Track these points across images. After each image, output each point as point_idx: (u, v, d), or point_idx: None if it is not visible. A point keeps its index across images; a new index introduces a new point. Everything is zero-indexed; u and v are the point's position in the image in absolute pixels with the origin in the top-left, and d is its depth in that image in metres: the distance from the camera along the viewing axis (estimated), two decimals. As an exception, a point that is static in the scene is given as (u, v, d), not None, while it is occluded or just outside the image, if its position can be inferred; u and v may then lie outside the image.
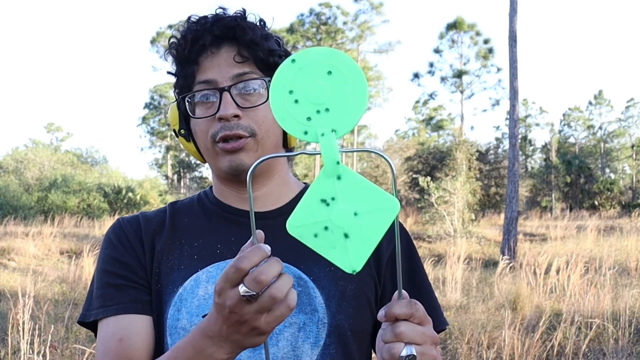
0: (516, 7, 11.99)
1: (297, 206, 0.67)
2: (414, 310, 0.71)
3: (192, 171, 34.90)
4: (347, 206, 0.66)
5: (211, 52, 0.98)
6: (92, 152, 47.66)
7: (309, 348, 0.95)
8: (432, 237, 14.84)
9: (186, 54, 0.99)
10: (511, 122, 11.97)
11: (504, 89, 33.10)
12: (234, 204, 1.05)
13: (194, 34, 0.98)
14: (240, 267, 0.66)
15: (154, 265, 1.01)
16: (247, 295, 0.66)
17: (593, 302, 5.92)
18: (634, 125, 49.26)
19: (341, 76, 0.66)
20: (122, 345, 0.94)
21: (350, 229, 0.66)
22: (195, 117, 1.00)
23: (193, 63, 0.99)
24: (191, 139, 1.05)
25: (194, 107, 1.00)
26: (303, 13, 33.85)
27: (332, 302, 0.98)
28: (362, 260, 0.66)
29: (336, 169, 0.66)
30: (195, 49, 0.98)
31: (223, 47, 0.98)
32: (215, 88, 0.97)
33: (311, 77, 0.66)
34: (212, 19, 0.98)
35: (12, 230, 14.03)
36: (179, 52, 1.00)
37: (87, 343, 4.80)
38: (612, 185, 31.82)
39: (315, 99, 0.66)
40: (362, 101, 0.67)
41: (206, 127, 0.99)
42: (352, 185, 0.66)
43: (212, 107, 0.98)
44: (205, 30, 0.97)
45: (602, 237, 12.56)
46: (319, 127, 0.66)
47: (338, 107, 0.66)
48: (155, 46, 35.87)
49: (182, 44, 0.99)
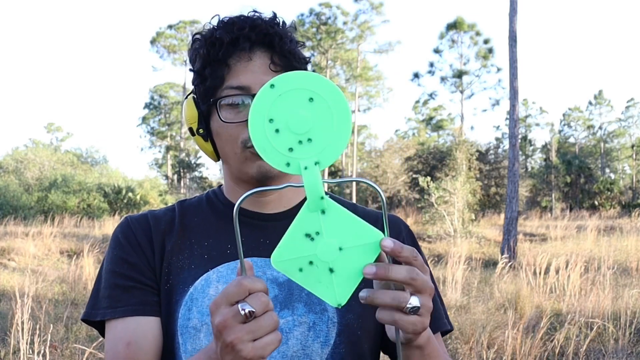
0: (516, 7, 11.99)
1: (282, 240, 0.66)
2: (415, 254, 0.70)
3: (192, 171, 34.86)
4: (331, 241, 0.65)
5: (246, 57, 0.97)
6: (92, 152, 47.68)
7: (319, 347, 0.96)
8: (432, 237, 14.85)
9: (219, 56, 0.97)
10: (511, 122, 11.97)
11: (504, 89, 33.14)
12: (246, 206, 1.04)
13: (230, 36, 0.97)
14: (244, 283, 0.67)
15: (164, 265, 1.01)
16: (247, 311, 0.66)
17: (593, 302, 5.92)
18: (634, 125, 49.28)
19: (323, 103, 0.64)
20: (129, 349, 0.94)
21: (335, 263, 0.66)
22: (226, 121, 0.98)
23: (224, 65, 0.98)
24: (209, 139, 1.04)
25: (220, 109, 0.99)
26: (303, 13, 33.85)
27: None
28: (348, 294, 0.67)
29: (320, 204, 0.65)
30: (230, 52, 0.97)
31: (257, 52, 0.98)
32: (248, 94, 0.97)
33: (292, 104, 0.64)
34: (249, 24, 0.97)
35: (12, 230, 14.03)
36: (211, 52, 0.98)
37: (87, 343, 4.80)
38: (612, 185, 31.82)
39: (296, 129, 0.64)
40: (346, 130, 0.65)
41: (236, 132, 0.98)
42: (336, 220, 0.65)
43: (242, 112, 0.97)
44: (242, 35, 0.96)
45: (602, 237, 12.56)
46: (301, 159, 0.64)
47: (321, 137, 0.64)
48: (155, 46, 35.86)
49: (216, 45, 0.97)
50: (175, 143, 39.70)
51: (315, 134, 0.64)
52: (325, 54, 30.41)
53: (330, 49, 30.36)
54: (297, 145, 0.64)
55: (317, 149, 0.64)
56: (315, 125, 0.64)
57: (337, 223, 0.65)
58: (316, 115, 0.64)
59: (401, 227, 1.11)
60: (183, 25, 35.39)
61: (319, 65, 30.26)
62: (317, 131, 0.64)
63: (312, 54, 30.56)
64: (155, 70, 45.54)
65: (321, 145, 0.64)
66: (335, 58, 31.09)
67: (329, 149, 0.65)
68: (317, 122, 0.64)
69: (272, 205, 1.05)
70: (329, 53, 30.42)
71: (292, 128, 0.64)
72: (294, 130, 0.64)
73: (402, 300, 0.69)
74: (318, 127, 0.64)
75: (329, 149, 0.65)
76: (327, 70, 30.35)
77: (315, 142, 0.64)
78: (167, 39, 35.43)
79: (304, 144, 0.64)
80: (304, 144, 0.64)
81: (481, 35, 32.27)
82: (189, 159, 35.10)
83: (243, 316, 0.66)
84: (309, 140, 0.64)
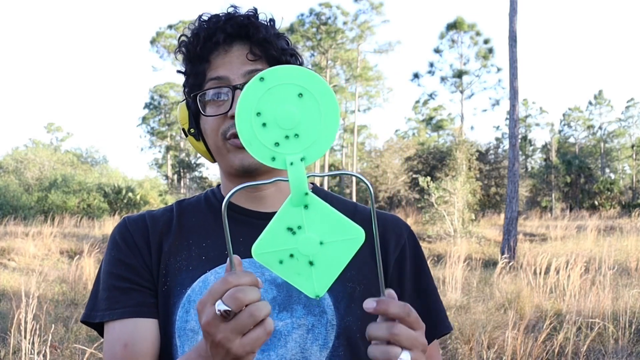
0: (516, 7, 11.99)
1: (263, 233, 0.66)
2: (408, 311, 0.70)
3: (192, 171, 34.89)
4: (313, 235, 0.66)
5: (223, 50, 0.98)
6: (92, 152, 47.68)
7: (318, 350, 0.95)
8: (432, 237, 14.84)
9: (198, 52, 0.98)
10: (511, 122, 11.97)
11: (504, 89, 33.14)
12: (243, 204, 1.04)
13: (206, 31, 0.97)
14: (229, 280, 0.66)
15: (161, 266, 1.00)
16: (222, 311, 0.64)
17: (593, 302, 5.92)
18: (634, 125, 49.26)
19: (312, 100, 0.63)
20: (127, 350, 0.94)
21: (315, 257, 0.66)
22: (206, 115, 0.99)
23: (204, 61, 0.98)
24: (201, 138, 1.04)
25: (204, 105, 0.99)
26: (303, 13, 33.87)
27: (341, 304, 0.98)
28: (326, 286, 0.67)
29: (304, 199, 0.65)
30: (207, 47, 0.97)
31: (235, 45, 0.98)
32: (227, 85, 0.97)
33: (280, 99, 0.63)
34: (224, 17, 0.98)
35: (12, 230, 14.02)
36: (190, 50, 0.99)
37: (87, 343, 4.80)
38: (612, 185, 31.80)
39: (284, 124, 0.64)
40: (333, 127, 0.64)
41: (217, 124, 0.98)
42: (319, 215, 0.65)
43: (223, 105, 0.98)
44: (217, 28, 0.97)
45: (602, 237, 12.56)
46: (287, 154, 0.64)
47: (308, 134, 0.64)
48: (155, 46, 35.85)
49: (193, 41, 0.98)
50: (175, 143, 39.71)
51: (302, 129, 0.64)
52: (325, 54, 30.40)
53: (330, 49, 30.35)
54: (283, 140, 0.64)
55: (303, 145, 0.64)
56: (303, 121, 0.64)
57: (319, 218, 0.66)
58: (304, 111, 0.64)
59: (402, 230, 1.10)
60: (183, 25, 35.12)
61: (319, 65, 30.25)
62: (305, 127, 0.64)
63: (312, 54, 30.57)
64: (155, 70, 45.50)
65: (308, 141, 0.64)
66: (335, 58, 31.08)
67: (315, 145, 0.65)
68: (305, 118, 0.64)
69: (271, 204, 1.04)
70: (329, 53, 30.42)
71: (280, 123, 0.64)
72: (281, 125, 0.64)
73: (391, 355, 0.69)
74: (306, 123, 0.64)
75: (315, 145, 0.65)
76: (327, 70, 30.35)
77: (302, 138, 0.64)
78: (167, 39, 35.41)
79: (290, 139, 0.64)
80: (291, 139, 0.64)
81: (481, 35, 32.28)
82: (189, 159, 35.11)
83: (220, 316, 0.65)
84: (295, 136, 0.64)
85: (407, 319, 0.69)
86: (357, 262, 1.03)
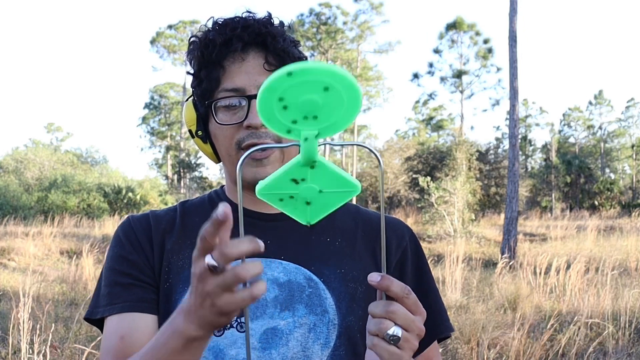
0: (516, 7, 11.99)
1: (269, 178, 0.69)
2: (408, 293, 0.70)
3: (192, 171, 34.89)
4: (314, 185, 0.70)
5: (240, 58, 0.97)
6: (92, 152, 47.71)
7: (319, 349, 0.96)
8: (432, 237, 14.85)
9: (213, 58, 0.97)
10: (511, 122, 11.97)
11: (504, 89, 33.13)
12: (247, 206, 1.04)
13: (222, 37, 0.96)
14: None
15: (164, 263, 1.01)
16: (210, 265, 0.64)
17: (593, 302, 5.92)
18: (634, 125, 49.27)
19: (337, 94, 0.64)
20: (123, 342, 0.95)
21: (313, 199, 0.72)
22: (221, 123, 0.98)
23: (219, 67, 0.98)
24: (208, 140, 1.04)
25: (217, 111, 0.99)
26: (303, 13, 33.86)
27: (343, 304, 0.98)
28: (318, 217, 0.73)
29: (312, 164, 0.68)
30: (223, 53, 0.97)
31: (251, 53, 0.98)
32: (243, 95, 0.97)
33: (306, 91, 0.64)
34: (241, 24, 0.97)
35: (12, 230, 14.02)
36: (204, 54, 0.98)
37: (87, 343, 4.80)
38: (612, 185, 31.81)
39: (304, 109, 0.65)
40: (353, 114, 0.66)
41: (231, 133, 0.98)
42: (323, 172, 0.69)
43: (237, 113, 0.97)
44: (234, 36, 0.96)
45: (602, 237, 12.56)
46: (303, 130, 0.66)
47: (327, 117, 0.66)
48: (155, 46, 35.84)
49: (209, 47, 0.97)
50: (175, 143, 39.69)
51: (322, 113, 0.66)
52: (325, 54, 30.41)
53: (330, 49, 30.36)
54: (301, 119, 0.66)
55: (320, 125, 0.66)
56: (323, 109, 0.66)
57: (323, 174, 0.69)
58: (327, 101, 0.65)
59: (404, 232, 1.10)
60: (183, 25, 35.36)
61: (319, 65, 30.22)
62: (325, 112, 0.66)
63: (312, 53, 30.57)
64: (155, 70, 45.51)
65: (325, 122, 0.66)
66: (335, 58, 31.10)
67: (332, 126, 0.67)
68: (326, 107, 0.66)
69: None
70: (329, 53, 30.43)
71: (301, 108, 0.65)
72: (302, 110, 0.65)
73: (382, 328, 0.69)
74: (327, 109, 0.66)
75: (332, 126, 0.67)
76: (327, 70, 30.30)
77: (321, 119, 0.66)
78: (167, 39, 35.41)
79: (309, 119, 0.66)
80: (309, 119, 0.66)
81: (481, 35, 32.28)
82: (189, 159, 35.10)
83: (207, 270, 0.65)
84: (314, 117, 0.66)
85: (406, 300, 0.70)
86: (360, 263, 1.03)
